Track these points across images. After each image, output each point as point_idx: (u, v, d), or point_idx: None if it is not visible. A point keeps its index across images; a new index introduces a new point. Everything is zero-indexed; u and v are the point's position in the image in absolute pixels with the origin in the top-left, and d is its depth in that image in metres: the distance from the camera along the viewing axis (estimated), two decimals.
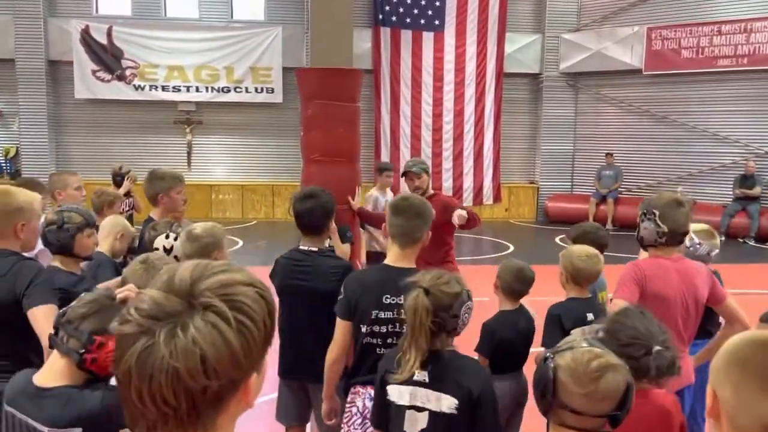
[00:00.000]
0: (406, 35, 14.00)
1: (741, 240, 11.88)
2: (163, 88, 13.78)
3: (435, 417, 2.13)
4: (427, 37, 14.05)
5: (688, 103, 13.21)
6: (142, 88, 13.72)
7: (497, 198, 14.78)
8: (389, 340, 2.58)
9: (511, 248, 11.05)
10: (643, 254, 3.65)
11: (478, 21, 14.13)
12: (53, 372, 1.78)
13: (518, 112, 14.97)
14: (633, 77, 13.70)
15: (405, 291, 2.29)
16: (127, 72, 13.60)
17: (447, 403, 2.12)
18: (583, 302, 3.10)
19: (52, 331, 1.82)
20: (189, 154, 14.21)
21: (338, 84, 4.63)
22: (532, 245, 11.71)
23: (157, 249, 3.16)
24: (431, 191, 4.72)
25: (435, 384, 2.12)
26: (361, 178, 5.10)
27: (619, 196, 13.53)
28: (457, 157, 14.43)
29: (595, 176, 13.88)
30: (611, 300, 2.87)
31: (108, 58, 13.48)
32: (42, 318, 2.34)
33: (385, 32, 13.98)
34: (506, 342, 3.17)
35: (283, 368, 3.13)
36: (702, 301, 2.99)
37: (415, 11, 13.92)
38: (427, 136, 14.30)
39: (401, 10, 13.90)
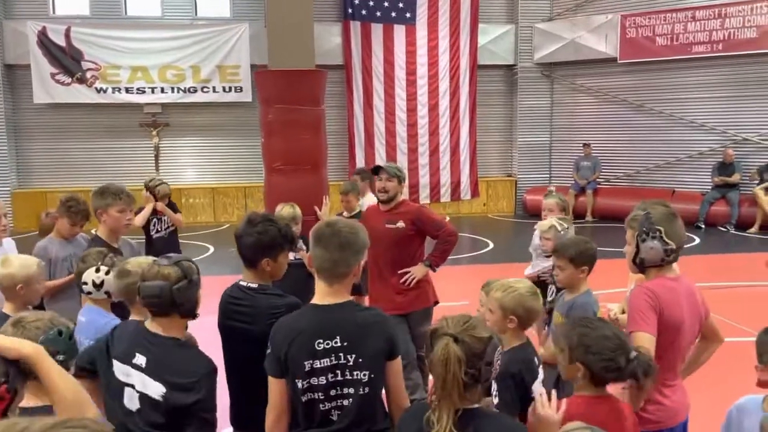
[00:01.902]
0: (377, 29, 13.66)
1: (721, 228, 11.78)
2: (127, 90, 13.29)
3: None
4: (399, 31, 13.73)
5: (665, 90, 13.07)
6: (105, 91, 13.21)
7: (475, 193, 14.55)
8: (332, 392, 2.22)
9: (491, 245, 10.81)
10: (632, 279, 3.41)
11: (450, 13, 13.85)
12: None
13: (494, 105, 14.73)
14: (608, 66, 13.52)
15: (347, 326, 2.12)
16: (88, 74, 13.08)
17: None
18: (527, 346, 2.59)
19: None
20: (157, 157, 13.75)
21: (300, 86, 4.31)
22: (511, 242, 11.48)
23: (86, 283, 2.82)
24: (400, 198, 4.37)
25: None
26: (328, 184, 4.80)
27: (598, 186, 13.37)
28: (434, 152, 14.16)
29: (573, 167, 13.71)
30: (629, 333, 2.48)
31: (67, 61, 12.95)
32: None
33: (356, 26, 13.63)
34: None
35: (233, 416, 2.77)
36: (703, 320, 2.73)
37: (386, 4, 13.58)
38: (402, 131, 14.00)
39: (371, 3, 13.55)
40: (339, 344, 2.21)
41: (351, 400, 2.23)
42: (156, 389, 2.19)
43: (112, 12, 13.40)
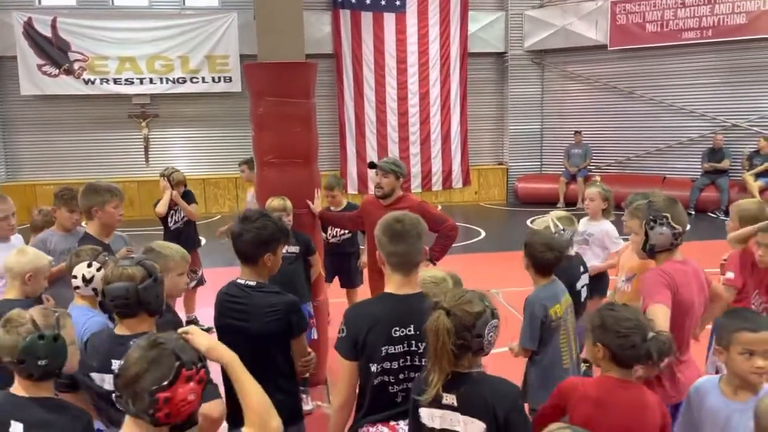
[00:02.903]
0: (367, 17, 13.58)
1: (711, 214, 11.85)
2: (115, 81, 13.16)
3: None
4: (389, 19, 13.65)
5: (655, 77, 13.09)
6: (93, 82, 13.08)
7: (466, 181, 14.55)
8: (401, 376, 2.40)
9: (483, 234, 10.83)
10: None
11: (440, 0, 13.77)
12: None
13: (484, 93, 14.71)
14: (599, 53, 13.51)
15: (419, 315, 2.22)
16: (76, 65, 12.94)
17: (475, 428, 2.06)
18: None
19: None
20: (146, 149, 13.66)
21: (291, 79, 4.28)
22: (503, 230, 11.51)
23: (75, 277, 2.81)
24: (400, 193, 4.36)
25: (463, 408, 2.07)
26: (320, 177, 4.77)
27: (589, 174, 13.40)
28: (425, 141, 14.13)
29: (564, 155, 13.73)
30: (644, 310, 2.62)
31: (54, 52, 12.80)
32: None
33: (345, 15, 13.54)
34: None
35: (228, 414, 2.77)
36: (708, 297, 2.97)
37: None
38: (392, 120, 13.96)
39: None
40: (412, 332, 2.37)
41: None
42: None
43: (99, 2, 13.25)
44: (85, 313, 2.76)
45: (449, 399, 2.07)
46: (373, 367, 2.35)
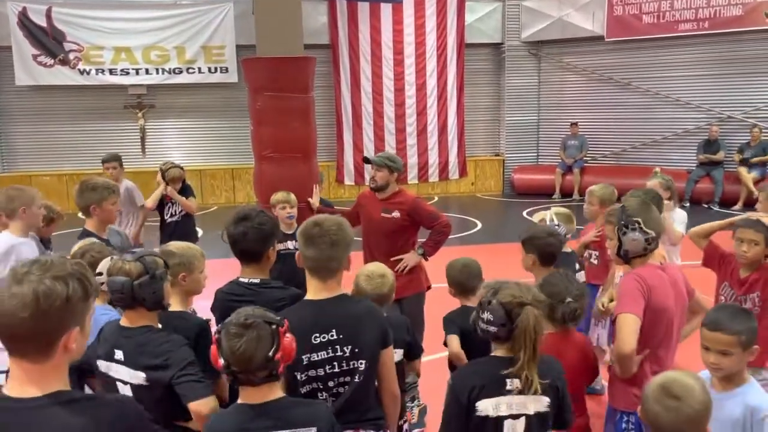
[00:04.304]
0: (364, 7, 13.52)
1: (705, 205, 11.91)
2: (111, 72, 13.11)
3: (531, 419, 2.22)
4: (386, 9, 13.60)
5: (651, 68, 13.10)
6: (88, 72, 13.03)
7: (463, 173, 14.57)
8: (330, 383, 2.34)
9: (479, 225, 10.87)
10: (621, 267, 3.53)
11: None
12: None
13: (481, 84, 14.70)
14: (595, 44, 13.51)
15: (341, 319, 2.29)
16: (71, 56, 12.88)
17: (541, 404, 2.22)
18: None
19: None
20: (143, 139, 13.63)
21: (289, 74, 4.29)
22: (500, 221, 11.55)
23: (101, 273, 2.82)
24: (396, 188, 4.40)
25: (527, 389, 2.18)
26: (319, 171, 4.80)
27: (585, 165, 13.44)
28: (421, 132, 14.14)
29: (560, 146, 13.76)
30: (614, 318, 2.72)
31: (49, 42, 12.73)
32: None
33: (342, 5, 13.48)
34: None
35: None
36: (686, 305, 2.90)
37: None
38: (389, 111, 13.95)
39: None
40: (335, 337, 2.31)
41: (347, 388, 2.35)
42: (139, 377, 2.30)
43: None
44: (100, 312, 2.79)
45: (512, 384, 2.18)
46: (299, 376, 2.31)
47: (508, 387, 2.18)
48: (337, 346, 2.32)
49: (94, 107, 13.36)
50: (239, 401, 1.99)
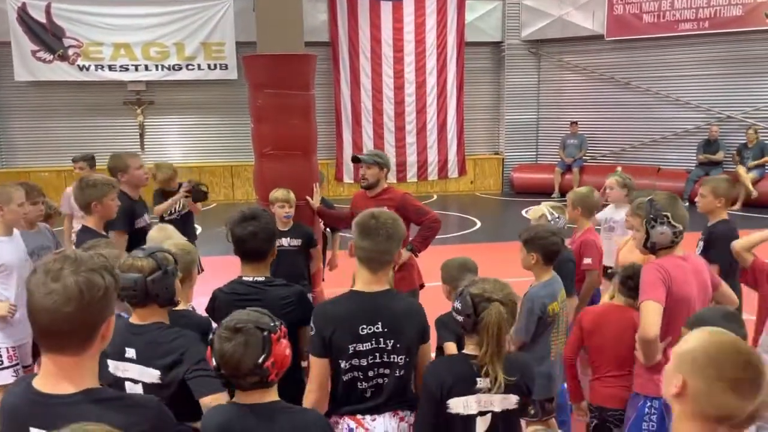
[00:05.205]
0: (364, 5, 13.51)
1: None
2: (110, 68, 13.09)
3: (496, 416, 2.26)
4: (386, 7, 13.59)
5: (651, 68, 13.10)
6: (88, 69, 13.00)
7: (462, 171, 14.57)
8: (370, 373, 2.43)
9: (478, 224, 10.87)
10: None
11: None
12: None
13: (481, 82, 14.69)
14: (595, 43, 13.51)
15: (387, 312, 2.35)
16: (70, 51, 12.85)
17: (509, 402, 2.25)
18: None
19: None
20: (142, 136, 13.61)
21: (290, 71, 4.28)
22: (499, 220, 11.55)
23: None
24: (384, 185, 4.43)
25: (494, 387, 2.21)
26: (320, 171, 4.79)
27: (584, 164, 13.45)
28: (421, 130, 14.13)
29: (560, 145, 13.76)
30: (638, 305, 2.77)
31: (48, 38, 12.71)
32: None
33: (342, 2, 13.47)
34: None
35: None
36: (710, 295, 2.96)
37: None
38: (389, 109, 13.94)
39: None
40: (380, 329, 2.40)
41: (386, 380, 2.44)
42: (152, 374, 2.28)
43: None
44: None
45: (484, 382, 2.19)
46: (343, 364, 2.40)
47: (479, 385, 2.21)
48: (381, 339, 2.40)
49: (93, 103, 13.34)
50: (233, 399, 2.00)
